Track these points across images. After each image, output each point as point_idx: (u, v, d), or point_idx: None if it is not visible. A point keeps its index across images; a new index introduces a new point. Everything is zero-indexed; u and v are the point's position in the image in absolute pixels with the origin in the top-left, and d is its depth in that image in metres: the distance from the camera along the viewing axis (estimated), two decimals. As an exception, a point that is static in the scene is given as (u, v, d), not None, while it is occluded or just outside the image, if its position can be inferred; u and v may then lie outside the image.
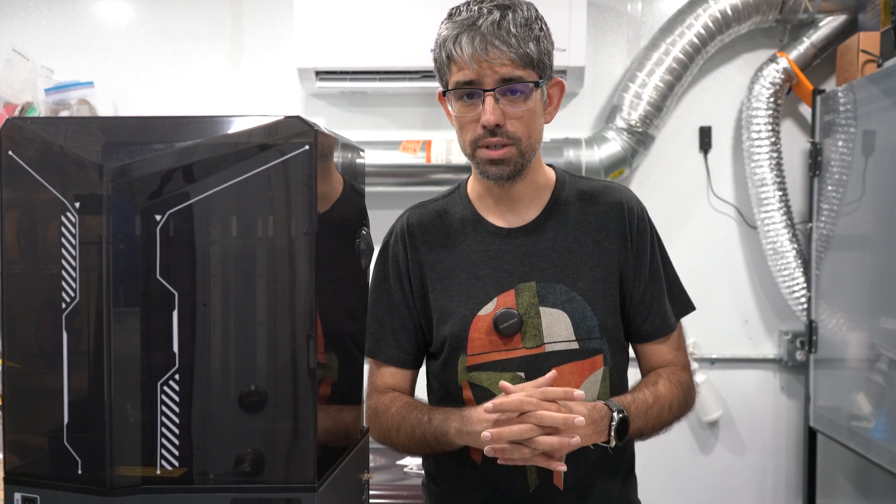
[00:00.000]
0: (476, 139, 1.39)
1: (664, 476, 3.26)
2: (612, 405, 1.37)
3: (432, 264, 1.49)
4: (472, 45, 1.34)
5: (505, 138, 1.38)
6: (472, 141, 1.40)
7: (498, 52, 1.34)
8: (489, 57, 1.34)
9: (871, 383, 2.68)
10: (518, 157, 1.40)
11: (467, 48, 1.34)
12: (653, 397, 1.43)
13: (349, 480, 1.24)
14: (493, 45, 1.34)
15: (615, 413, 1.35)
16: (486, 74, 1.35)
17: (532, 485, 1.44)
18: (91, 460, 1.04)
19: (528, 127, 1.40)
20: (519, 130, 1.38)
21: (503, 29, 1.34)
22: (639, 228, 1.49)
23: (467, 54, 1.34)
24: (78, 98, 3.11)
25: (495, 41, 1.34)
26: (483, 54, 1.34)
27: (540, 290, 1.44)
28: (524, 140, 1.39)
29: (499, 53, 1.34)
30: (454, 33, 1.36)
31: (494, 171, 1.40)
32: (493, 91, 1.35)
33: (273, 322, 1.05)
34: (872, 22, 2.89)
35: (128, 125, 1.12)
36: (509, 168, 1.40)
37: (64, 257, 1.04)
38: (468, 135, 1.40)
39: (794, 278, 3.10)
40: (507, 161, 1.39)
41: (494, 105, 1.35)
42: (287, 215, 1.04)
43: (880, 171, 2.64)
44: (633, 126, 3.08)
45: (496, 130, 1.37)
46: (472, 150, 1.40)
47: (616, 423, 1.35)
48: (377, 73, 2.99)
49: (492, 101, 1.35)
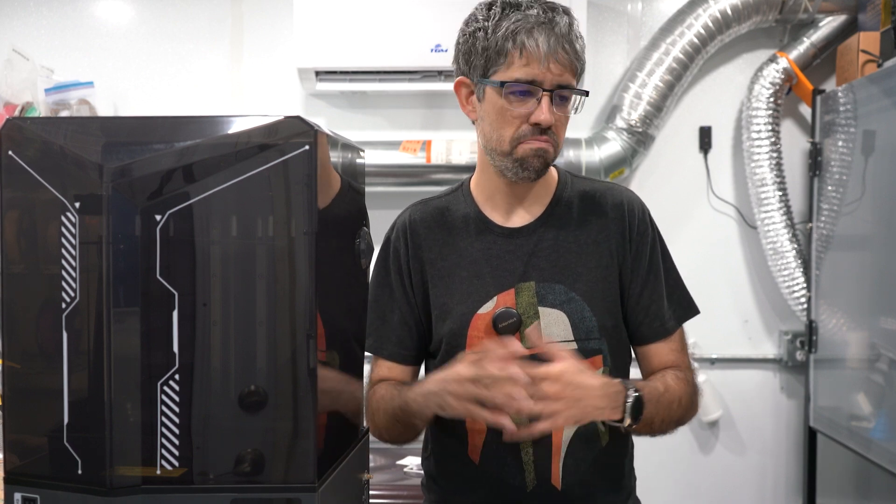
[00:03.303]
0: (520, 136, 1.39)
1: (664, 476, 3.26)
2: (626, 383, 1.36)
3: (433, 261, 1.49)
4: (549, 44, 1.34)
5: (551, 137, 1.39)
6: (515, 137, 1.39)
7: (566, 56, 1.35)
8: (559, 58, 1.35)
9: (871, 383, 2.68)
10: (553, 153, 1.42)
11: (544, 45, 1.34)
12: (663, 387, 1.42)
13: (349, 480, 1.24)
14: (564, 49, 1.35)
15: (630, 391, 1.34)
16: (551, 75, 1.35)
17: (530, 484, 1.44)
18: (91, 460, 1.04)
19: (564, 132, 1.43)
20: (559, 134, 1.41)
21: (573, 34, 1.36)
22: (639, 230, 1.49)
23: (543, 51, 1.34)
24: (78, 98, 3.11)
25: (565, 45, 1.35)
26: (554, 55, 1.34)
27: (539, 289, 1.44)
28: (560, 144, 1.42)
29: (566, 58, 1.35)
30: (526, 26, 1.34)
31: (536, 162, 1.40)
32: (552, 93, 1.36)
33: (273, 322, 1.05)
34: (872, 22, 2.90)
35: (128, 125, 1.12)
36: (546, 163, 1.42)
37: (64, 257, 1.04)
38: (510, 130, 1.39)
39: (794, 278, 3.10)
40: (548, 155, 1.41)
41: (550, 105, 1.36)
42: (287, 215, 1.04)
43: (880, 171, 2.64)
44: (633, 126, 3.08)
45: (546, 131, 1.38)
46: (513, 145, 1.40)
47: (632, 400, 1.33)
48: (377, 73, 2.99)
49: (548, 101, 1.36)
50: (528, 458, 1.44)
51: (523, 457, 1.44)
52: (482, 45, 1.37)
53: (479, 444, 1.46)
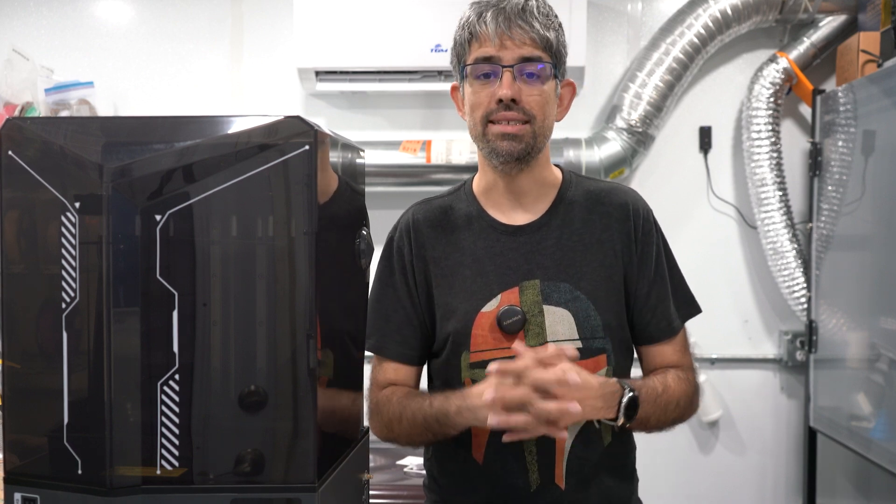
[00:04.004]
0: (489, 113, 1.39)
1: (665, 476, 3.26)
2: (623, 383, 1.37)
3: (437, 260, 1.49)
4: (496, 22, 1.37)
5: (521, 114, 1.39)
6: (485, 115, 1.39)
7: (520, 31, 1.37)
8: (512, 34, 1.37)
9: (871, 383, 2.68)
10: (531, 136, 1.40)
11: (491, 24, 1.37)
12: (662, 388, 1.42)
13: (349, 480, 1.24)
14: (517, 25, 1.37)
15: (626, 391, 1.36)
16: (508, 51, 1.37)
17: (534, 484, 1.44)
18: (91, 460, 1.04)
19: (543, 109, 1.40)
20: (534, 108, 1.39)
21: (527, 12, 1.38)
22: (644, 230, 1.49)
23: (491, 30, 1.37)
24: (78, 98, 3.11)
25: (518, 21, 1.37)
26: (507, 30, 1.36)
27: (544, 288, 1.44)
28: (538, 119, 1.40)
29: (521, 32, 1.37)
30: (478, 12, 1.39)
31: (506, 146, 1.39)
32: (512, 67, 1.37)
33: (273, 322, 1.05)
34: (872, 22, 2.90)
35: (128, 125, 1.12)
36: (521, 146, 1.40)
37: (64, 257, 1.04)
38: (479, 111, 1.40)
39: (794, 278, 3.10)
40: (521, 138, 1.39)
41: (512, 81, 1.37)
42: (287, 215, 1.04)
43: (880, 171, 2.64)
44: (633, 126, 3.08)
45: (511, 105, 1.38)
46: (484, 125, 1.40)
47: (626, 400, 1.35)
48: (377, 73, 2.99)
49: (510, 76, 1.37)
50: (532, 458, 1.43)
51: (527, 457, 1.44)
52: (455, 40, 1.44)
53: (483, 444, 1.46)
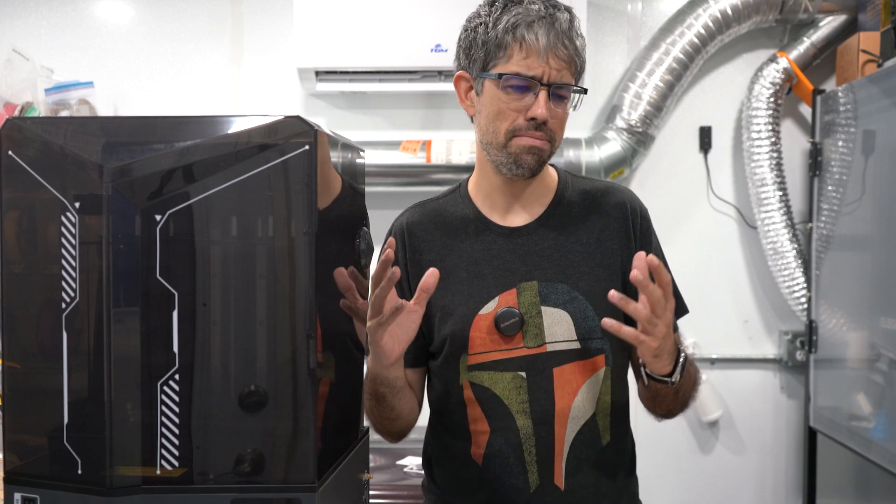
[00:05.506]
0: (515, 129, 1.39)
1: (665, 476, 3.26)
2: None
3: (433, 263, 1.49)
4: (548, 38, 1.35)
5: (546, 133, 1.39)
6: (510, 130, 1.39)
7: (565, 52, 1.36)
8: (559, 54, 1.35)
9: (871, 383, 2.68)
10: (549, 154, 1.42)
11: (543, 39, 1.34)
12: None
13: (349, 480, 1.24)
14: (564, 45, 1.36)
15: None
16: (551, 70, 1.36)
17: (533, 485, 1.44)
18: (91, 460, 1.04)
19: (563, 127, 1.43)
20: (556, 128, 1.41)
21: (573, 31, 1.37)
22: (642, 229, 1.50)
23: (542, 44, 1.34)
24: (78, 98, 3.11)
25: (565, 41, 1.36)
26: (554, 50, 1.35)
27: (542, 289, 1.44)
28: (557, 140, 1.42)
29: (566, 54, 1.36)
30: (527, 20, 1.35)
31: (530, 159, 1.40)
32: (549, 87, 1.36)
33: (273, 322, 1.05)
34: (872, 22, 2.90)
35: (128, 125, 1.12)
36: (541, 161, 1.42)
37: (64, 257, 1.04)
38: (505, 123, 1.39)
39: (794, 278, 3.10)
40: (543, 152, 1.41)
41: (547, 100, 1.37)
42: (287, 215, 1.04)
43: (880, 171, 2.64)
44: (633, 126, 3.08)
45: (541, 126, 1.38)
46: (508, 138, 1.40)
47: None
48: (377, 73, 2.99)
49: (545, 96, 1.36)
50: (531, 458, 1.43)
51: (526, 457, 1.44)
52: (482, 39, 1.38)
53: (483, 444, 1.46)
